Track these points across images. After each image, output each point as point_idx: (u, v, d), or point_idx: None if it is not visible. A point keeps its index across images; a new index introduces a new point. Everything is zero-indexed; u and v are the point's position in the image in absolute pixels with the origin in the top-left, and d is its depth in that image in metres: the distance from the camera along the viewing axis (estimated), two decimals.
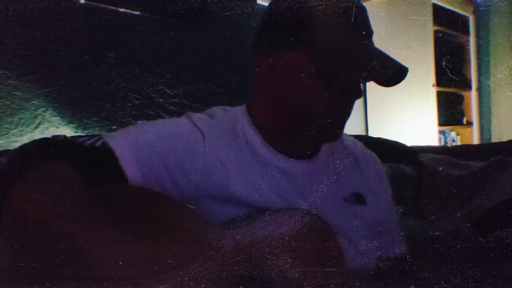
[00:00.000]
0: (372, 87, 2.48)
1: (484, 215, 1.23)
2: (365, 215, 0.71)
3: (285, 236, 0.55)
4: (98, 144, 0.61)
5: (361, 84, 0.68)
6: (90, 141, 0.61)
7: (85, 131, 1.31)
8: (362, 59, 0.65)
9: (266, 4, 0.71)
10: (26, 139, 1.20)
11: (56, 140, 0.62)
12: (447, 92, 2.58)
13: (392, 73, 0.64)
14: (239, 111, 0.72)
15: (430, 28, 2.34)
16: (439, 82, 2.38)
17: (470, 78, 2.61)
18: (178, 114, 0.71)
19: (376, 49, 0.67)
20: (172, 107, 1.50)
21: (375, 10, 2.44)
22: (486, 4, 2.57)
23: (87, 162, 0.59)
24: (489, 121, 2.58)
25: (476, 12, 2.57)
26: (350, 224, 0.69)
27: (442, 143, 2.50)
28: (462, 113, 2.67)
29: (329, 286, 0.53)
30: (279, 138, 0.69)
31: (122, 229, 0.51)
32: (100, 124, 1.34)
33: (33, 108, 1.21)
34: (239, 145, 0.67)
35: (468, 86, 2.62)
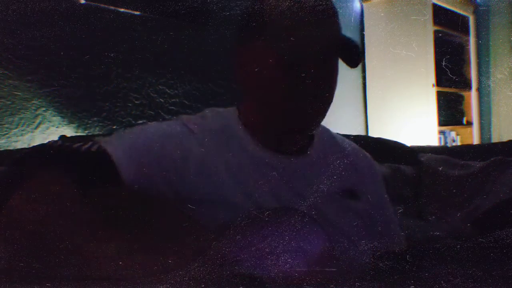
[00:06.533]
0: (372, 88, 2.48)
1: (484, 215, 1.23)
2: (358, 209, 0.72)
3: (278, 236, 0.55)
4: (93, 149, 0.62)
5: (334, 69, 0.68)
6: (86, 146, 0.62)
7: (86, 131, 1.31)
8: (327, 43, 0.65)
9: None
10: (26, 139, 1.20)
11: (53, 147, 0.62)
12: (447, 92, 2.58)
13: (356, 53, 0.66)
14: (230, 111, 0.72)
15: (430, 28, 2.34)
16: (439, 82, 2.38)
17: (470, 78, 2.61)
18: (178, 114, 0.72)
19: (339, 31, 0.67)
20: (173, 107, 1.50)
21: (375, 10, 2.44)
22: (486, 4, 2.57)
23: (84, 167, 0.60)
24: (489, 121, 2.58)
25: (476, 12, 2.57)
26: (343, 216, 0.70)
27: (442, 143, 2.50)
28: (462, 113, 2.67)
29: (329, 286, 0.53)
30: (266, 134, 0.69)
31: (117, 233, 0.51)
32: (101, 124, 1.34)
33: (33, 108, 1.21)
34: (230, 145, 0.68)
35: (468, 86, 2.62)
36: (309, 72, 0.63)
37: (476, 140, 2.64)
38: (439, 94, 2.41)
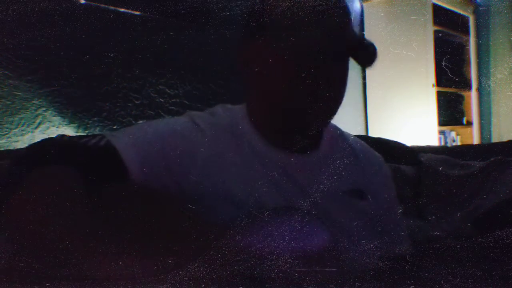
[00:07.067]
0: (372, 88, 2.48)
1: (484, 215, 1.23)
2: (364, 209, 0.72)
3: (283, 235, 0.55)
4: (101, 143, 0.61)
5: (343, 65, 0.68)
6: (93, 141, 0.62)
7: (86, 131, 1.31)
8: (336, 42, 0.65)
9: None
10: (26, 139, 1.20)
11: (60, 141, 0.62)
12: (447, 92, 2.58)
13: (367, 53, 0.66)
14: (239, 108, 0.72)
15: (430, 28, 2.34)
16: (439, 82, 2.37)
17: (470, 78, 2.61)
18: (179, 114, 0.72)
19: (352, 30, 0.67)
20: (173, 107, 1.50)
21: (375, 10, 2.43)
22: (486, 4, 2.57)
23: (91, 161, 0.60)
24: (489, 121, 2.58)
25: (476, 12, 2.57)
26: (348, 216, 0.69)
27: (442, 143, 2.50)
28: (462, 113, 2.67)
29: (329, 286, 0.53)
30: (273, 132, 0.69)
31: (122, 230, 0.51)
32: (101, 124, 1.34)
33: (33, 108, 1.21)
34: (238, 143, 0.68)
35: (468, 86, 2.62)
36: (317, 70, 0.63)
37: (476, 140, 2.63)
38: (439, 94, 2.41)
